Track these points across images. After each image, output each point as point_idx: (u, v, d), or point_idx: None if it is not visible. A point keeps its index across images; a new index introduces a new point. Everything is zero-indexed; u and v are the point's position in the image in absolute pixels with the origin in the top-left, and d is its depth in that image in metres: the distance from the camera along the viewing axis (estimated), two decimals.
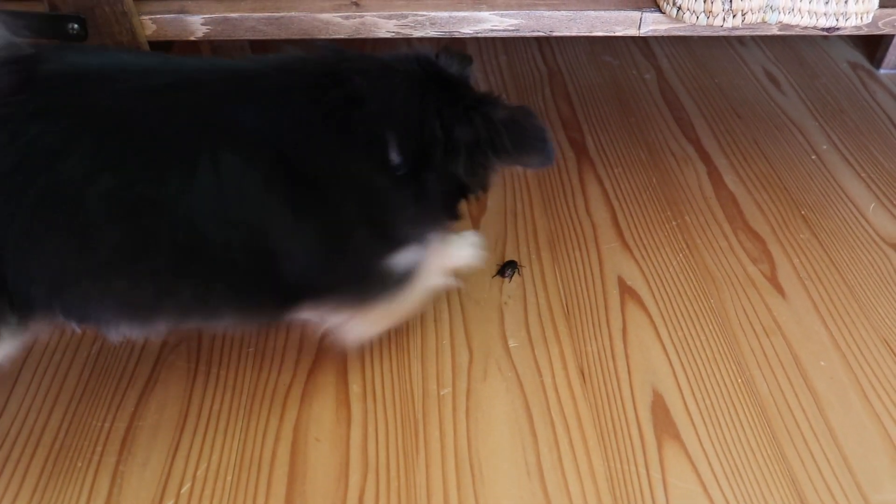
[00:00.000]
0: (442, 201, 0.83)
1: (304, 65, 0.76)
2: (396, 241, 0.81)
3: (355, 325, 0.89)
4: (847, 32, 1.02)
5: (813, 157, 1.33)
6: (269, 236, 0.72)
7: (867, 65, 1.61)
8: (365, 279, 0.82)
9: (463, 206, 0.89)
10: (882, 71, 1.58)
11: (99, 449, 0.86)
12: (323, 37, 1.01)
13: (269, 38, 1.01)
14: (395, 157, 0.75)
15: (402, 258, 0.82)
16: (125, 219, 0.66)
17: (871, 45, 1.64)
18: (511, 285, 1.06)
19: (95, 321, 0.75)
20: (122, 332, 0.77)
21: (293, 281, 0.76)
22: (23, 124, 0.62)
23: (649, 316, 1.03)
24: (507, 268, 1.09)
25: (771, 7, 0.96)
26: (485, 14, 1.00)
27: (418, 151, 0.76)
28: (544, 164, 0.81)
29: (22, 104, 0.63)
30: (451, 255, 0.97)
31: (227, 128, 0.69)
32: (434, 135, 0.76)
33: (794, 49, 1.66)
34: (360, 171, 0.75)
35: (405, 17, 1.00)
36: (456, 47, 0.88)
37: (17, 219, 0.63)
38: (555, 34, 1.01)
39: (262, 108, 0.71)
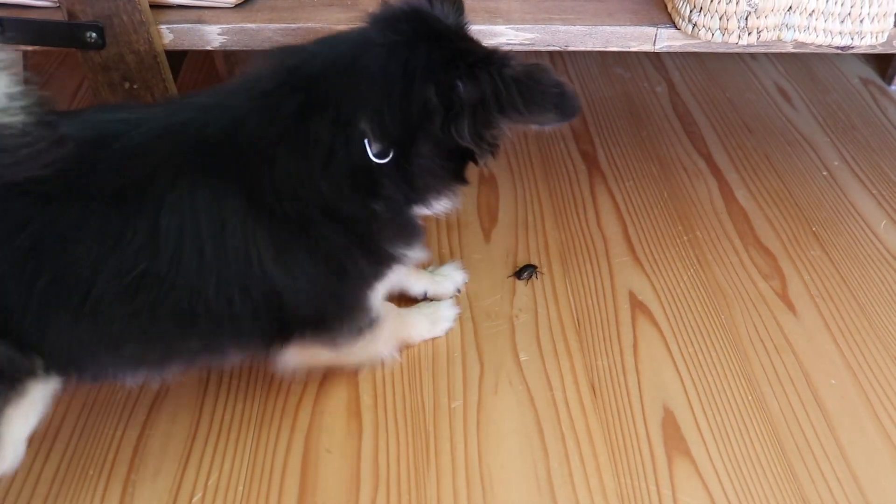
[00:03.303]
0: (445, 171, 0.78)
1: (253, 84, 0.73)
2: (384, 256, 0.80)
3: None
4: (861, 51, 1.02)
5: (824, 173, 1.33)
6: (263, 280, 0.72)
7: (879, 81, 1.60)
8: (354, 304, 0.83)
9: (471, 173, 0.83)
10: (894, 87, 1.58)
11: (111, 457, 0.86)
12: None
13: None
14: (372, 145, 0.71)
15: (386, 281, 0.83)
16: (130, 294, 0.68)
17: (882, 62, 1.64)
18: (522, 298, 1.07)
19: (111, 377, 0.79)
20: (137, 381, 0.82)
21: (296, 313, 0.77)
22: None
23: (660, 331, 1.03)
24: (524, 271, 1.09)
25: (787, 25, 0.96)
26: (500, 28, 1.00)
27: (406, 126, 0.72)
28: (565, 119, 0.74)
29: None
30: (414, 325, 0.98)
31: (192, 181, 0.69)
32: (427, 102, 0.71)
33: (805, 64, 1.66)
34: (329, 191, 0.72)
35: None
36: None
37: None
38: (570, 49, 1.01)
39: (218, 155, 0.70)
